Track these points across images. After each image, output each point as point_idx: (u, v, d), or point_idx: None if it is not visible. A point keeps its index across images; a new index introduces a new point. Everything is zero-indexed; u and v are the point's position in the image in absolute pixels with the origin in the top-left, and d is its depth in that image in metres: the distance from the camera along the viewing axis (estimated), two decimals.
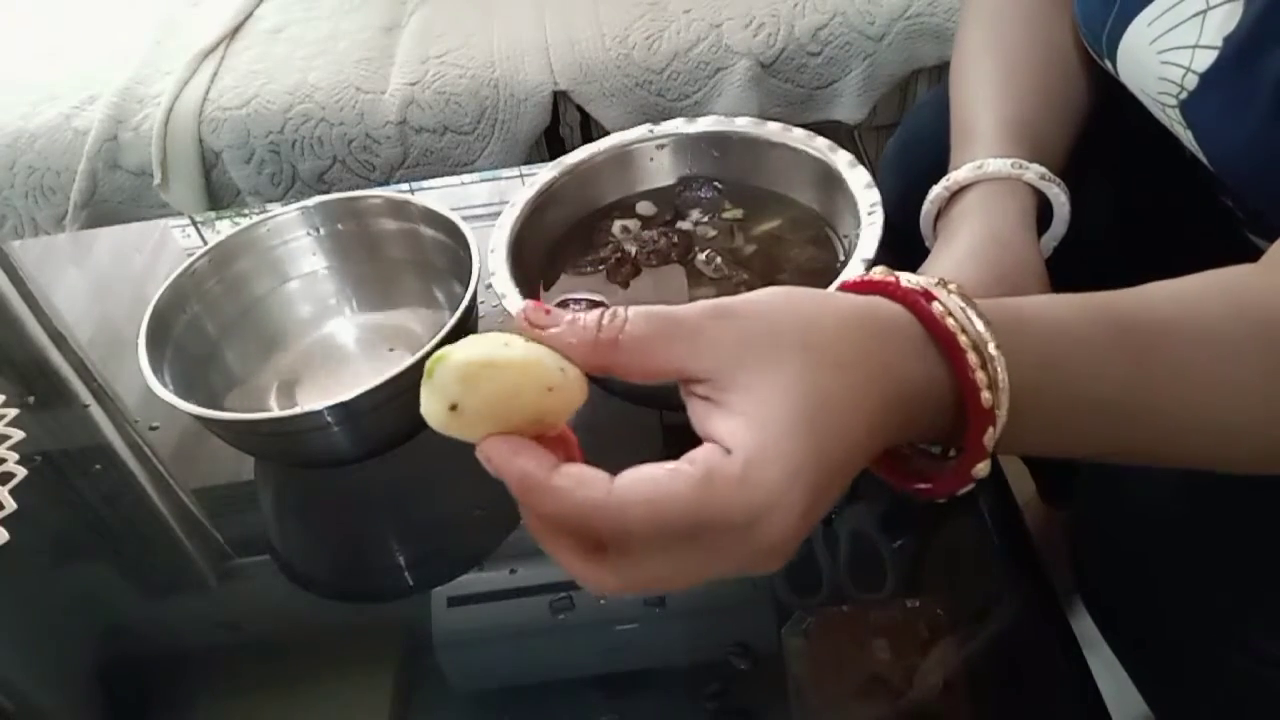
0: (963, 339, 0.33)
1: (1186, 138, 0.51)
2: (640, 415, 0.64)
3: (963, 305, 0.34)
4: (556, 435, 0.33)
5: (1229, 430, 0.38)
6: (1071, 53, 0.61)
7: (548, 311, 0.32)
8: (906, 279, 0.35)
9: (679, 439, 0.33)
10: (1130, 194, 0.68)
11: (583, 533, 0.31)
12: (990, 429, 0.34)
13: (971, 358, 0.33)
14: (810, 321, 0.32)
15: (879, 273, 0.36)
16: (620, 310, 0.32)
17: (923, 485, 0.37)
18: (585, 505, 0.30)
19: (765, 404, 0.30)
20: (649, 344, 0.31)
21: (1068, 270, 0.59)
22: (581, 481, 0.30)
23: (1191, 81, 0.48)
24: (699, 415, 0.32)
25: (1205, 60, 0.47)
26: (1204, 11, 0.47)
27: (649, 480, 0.29)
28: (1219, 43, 0.46)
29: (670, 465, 0.30)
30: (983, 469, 0.35)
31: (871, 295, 0.35)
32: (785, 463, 0.30)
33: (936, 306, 0.34)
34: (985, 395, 0.33)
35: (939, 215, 0.59)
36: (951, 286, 0.35)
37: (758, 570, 0.31)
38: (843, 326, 0.33)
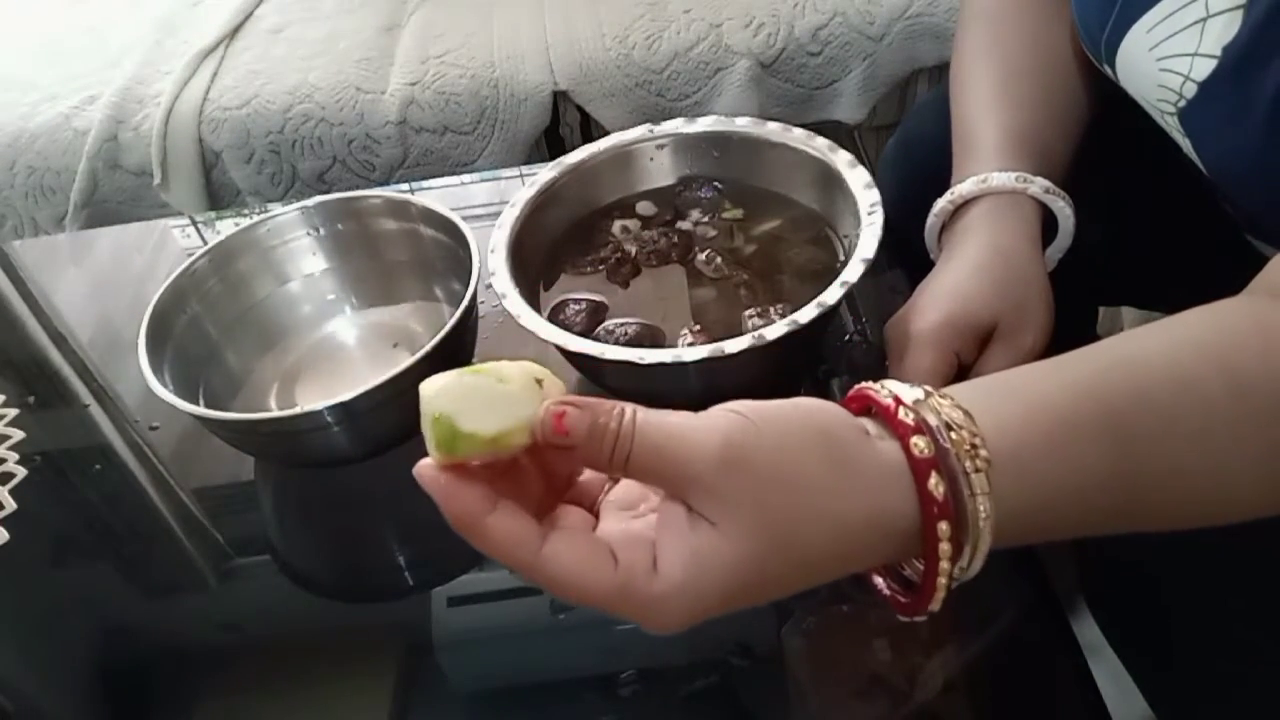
0: (944, 533, 0.33)
1: (1185, 145, 0.51)
2: None
3: (969, 473, 0.33)
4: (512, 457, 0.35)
5: (1218, 514, 0.38)
6: (1070, 56, 0.61)
7: (564, 431, 0.33)
8: (917, 445, 0.33)
9: None
10: (1131, 195, 0.68)
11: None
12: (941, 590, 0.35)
13: (944, 548, 0.33)
14: (809, 516, 0.33)
15: (907, 414, 0.34)
16: (625, 440, 0.32)
17: (901, 598, 0.37)
18: (511, 561, 0.33)
19: (711, 568, 0.32)
20: (648, 476, 0.33)
21: (1069, 272, 0.59)
22: (513, 540, 0.33)
23: (1190, 90, 0.48)
24: (667, 512, 0.33)
25: (1204, 69, 0.47)
26: (1203, 20, 0.46)
27: (573, 560, 0.33)
28: (1218, 52, 0.46)
29: (597, 551, 0.33)
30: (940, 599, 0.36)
31: (880, 457, 0.34)
32: (691, 611, 0.33)
33: (933, 483, 0.33)
34: (940, 583, 0.34)
35: (943, 227, 0.59)
36: (969, 449, 0.33)
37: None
38: (837, 532, 0.33)
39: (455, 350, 0.64)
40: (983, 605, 0.55)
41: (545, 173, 0.71)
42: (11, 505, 0.65)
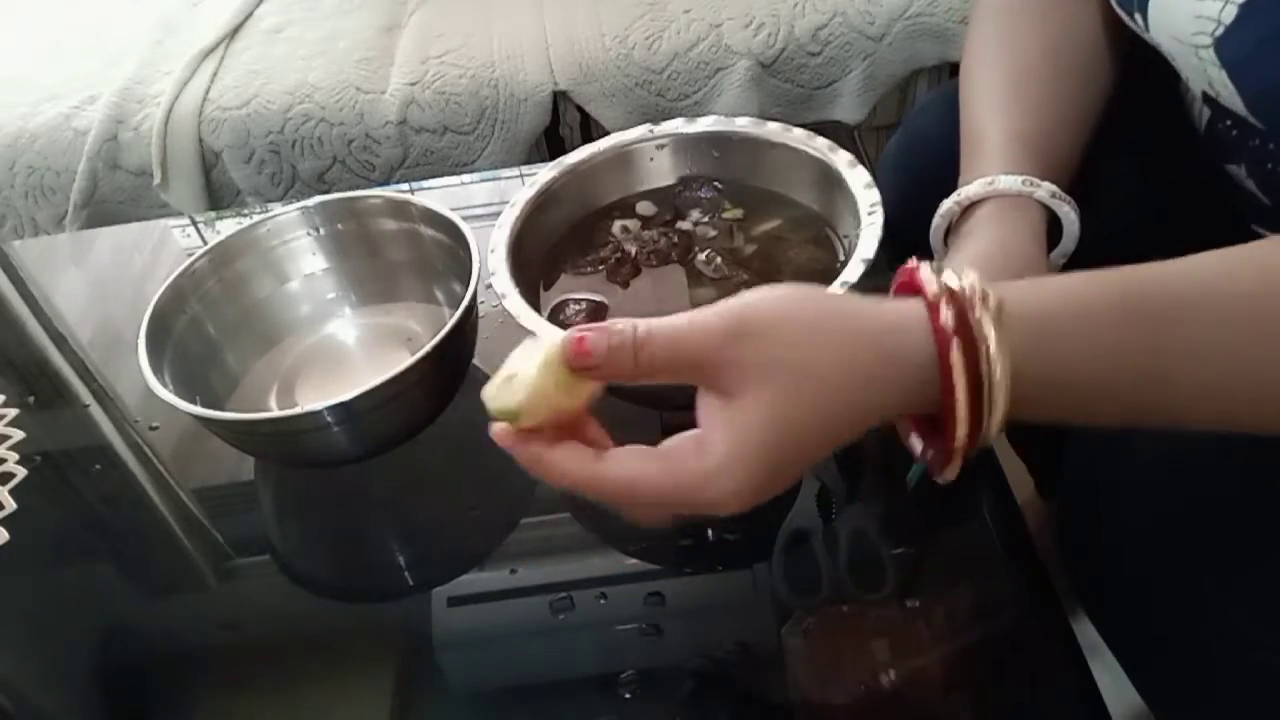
0: (960, 384, 0.36)
1: (1220, 80, 0.49)
2: (640, 415, 0.64)
3: (979, 316, 0.36)
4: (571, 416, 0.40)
5: (1252, 405, 0.38)
6: (1083, 57, 0.60)
7: (587, 353, 0.37)
8: (927, 280, 0.37)
9: None
10: (1134, 193, 0.68)
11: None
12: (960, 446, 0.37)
13: (962, 410, 0.36)
14: (818, 353, 0.36)
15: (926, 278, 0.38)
16: (642, 345, 0.37)
17: (930, 451, 0.40)
18: (573, 478, 0.38)
19: (746, 429, 0.36)
20: (672, 368, 0.37)
21: (1071, 270, 0.59)
22: (573, 460, 0.38)
23: (1229, 14, 0.47)
24: (703, 403, 0.38)
25: None
26: None
27: (627, 461, 0.38)
28: None
29: (648, 452, 0.38)
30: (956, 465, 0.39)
31: (897, 305, 0.38)
32: (742, 479, 0.36)
33: (944, 315, 0.36)
34: (960, 434, 0.37)
35: (949, 229, 0.59)
36: (987, 304, 0.36)
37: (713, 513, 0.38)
38: (847, 362, 0.36)
39: (455, 350, 0.64)
40: (983, 605, 0.55)
41: (545, 173, 0.71)
42: (11, 505, 0.65)
